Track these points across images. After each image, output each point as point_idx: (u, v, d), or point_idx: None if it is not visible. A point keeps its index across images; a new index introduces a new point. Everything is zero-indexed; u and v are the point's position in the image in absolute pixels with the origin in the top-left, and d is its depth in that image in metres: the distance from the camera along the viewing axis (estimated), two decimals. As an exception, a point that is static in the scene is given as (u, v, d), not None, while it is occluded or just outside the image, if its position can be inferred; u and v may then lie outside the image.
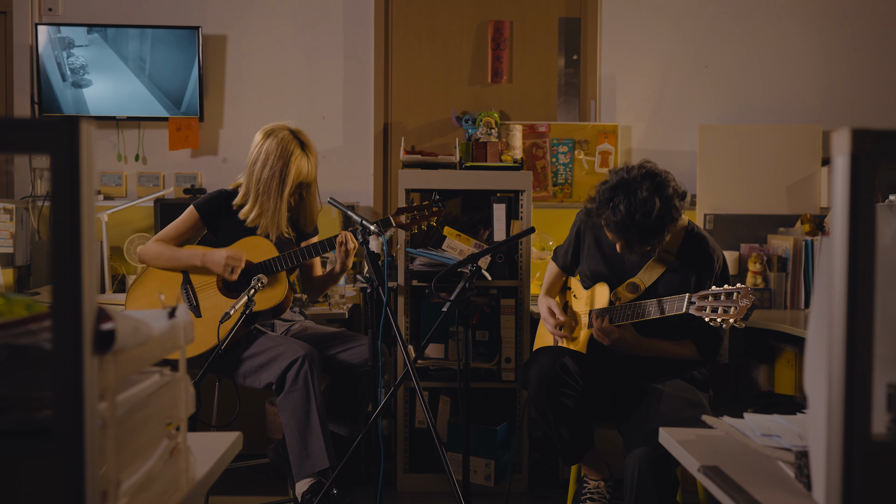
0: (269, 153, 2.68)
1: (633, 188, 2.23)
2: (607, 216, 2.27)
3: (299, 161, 2.69)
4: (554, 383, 2.33)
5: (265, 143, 2.69)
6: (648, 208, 2.20)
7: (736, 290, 2.20)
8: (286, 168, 2.67)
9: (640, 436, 2.19)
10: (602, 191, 2.30)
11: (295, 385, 2.49)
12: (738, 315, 2.18)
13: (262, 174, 2.68)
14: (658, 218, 2.21)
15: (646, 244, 2.27)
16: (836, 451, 0.87)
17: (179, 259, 2.70)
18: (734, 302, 2.19)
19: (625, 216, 2.21)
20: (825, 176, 3.59)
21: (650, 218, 2.20)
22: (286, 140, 2.69)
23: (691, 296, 2.27)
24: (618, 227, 2.24)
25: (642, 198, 2.20)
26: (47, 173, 3.79)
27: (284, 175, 2.67)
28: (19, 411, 0.83)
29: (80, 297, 0.77)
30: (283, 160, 2.66)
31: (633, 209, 2.20)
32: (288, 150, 2.68)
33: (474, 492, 3.06)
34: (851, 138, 0.84)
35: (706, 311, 2.23)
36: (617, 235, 2.29)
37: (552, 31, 3.89)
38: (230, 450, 1.29)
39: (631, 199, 2.21)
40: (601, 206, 2.30)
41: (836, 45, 3.81)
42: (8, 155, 3.72)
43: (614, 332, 2.38)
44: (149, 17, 3.79)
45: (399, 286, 3.16)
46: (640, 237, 2.24)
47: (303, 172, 2.71)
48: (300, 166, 2.70)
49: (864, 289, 0.84)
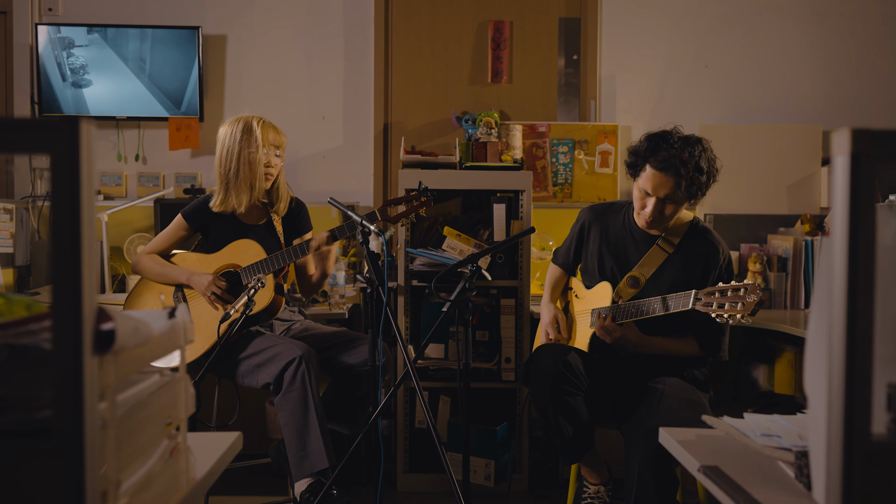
0: (226, 134, 2.74)
1: (685, 135, 2.37)
2: (660, 155, 2.33)
3: (262, 127, 2.73)
4: (556, 380, 2.33)
5: (221, 130, 2.76)
6: (700, 149, 2.34)
7: (743, 285, 2.20)
8: (247, 134, 2.70)
9: (641, 435, 2.19)
10: (649, 137, 2.40)
11: (293, 385, 2.49)
12: (746, 311, 2.17)
13: (222, 153, 2.73)
14: (708, 161, 2.34)
15: (693, 184, 2.32)
16: (836, 451, 0.87)
17: (167, 275, 2.76)
18: (741, 298, 2.19)
19: (680, 150, 2.31)
20: (825, 176, 3.59)
21: (703, 158, 2.33)
22: (241, 118, 2.75)
23: (697, 292, 2.27)
24: (674, 160, 2.30)
25: (695, 139, 2.36)
26: (47, 173, 3.79)
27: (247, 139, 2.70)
28: (19, 411, 0.83)
29: (80, 297, 0.77)
30: (242, 130, 2.71)
31: (688, 145, 2.33)
32: (245, 121, 2.73)
33: (474, 492, 3.06)
34: (851, 138, 0.84)
35: (713, 308, 2.22)
36: (669, 172, 2.32)
37: (552, 31, 3.89)
38: (230, 450, 1.29)
39: (687, 140, 2.35)
40: (649, 151, 2.36)
41: (836, 45, 3.81)
42: (8, 155, 3.72)
43: (616, 331, 2.38)
44: (149, 17, 3.79)
45: (399, 286, 3.16)
46: (695, 171, 2.31)
47: (270, 135, 2.74)
48: (265, 131, 2.73)
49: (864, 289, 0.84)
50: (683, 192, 2.32)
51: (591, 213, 2.62)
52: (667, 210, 2.38)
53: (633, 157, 2.42)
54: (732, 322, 2.22)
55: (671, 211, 2.38)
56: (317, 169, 3.82)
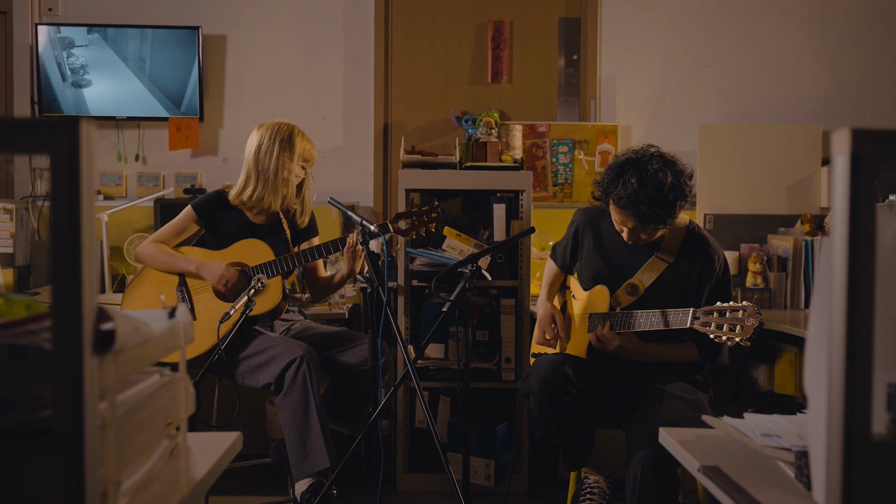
0: (267, 136, 2.72)
1: (644, 163, 2.23)
2: (618, 192, 2.24)
3: (300, 137, 2.75)
4: (556, 392, 2.32)
5: (261, 131, 2.75)
6: (660, 180, 2.20)
7: (742, 307, 2.17)
8: (288, 141, 2.72)
9: (642, 437, 2.19)
10: (611, 168, 2.30)
11: (293, 385, 2.49)
12: (744, 335, 2.14)
13: (260, 153, 2.72)
14: (670, 191, 2.21)
15: (658, 219, 2.24)
16: (836, 451, 0.87)
17: (174, 264, 2.71)
18: (740, 320, 2.15)
19: (637, 189, 2.19)
20: (825, 176, 3.59)
21: (662, 191, 2.20)
22: (282, 124, 2.76)
23: (696, 311, 2.25)
24: (630, 200, 2.21)
25: (654, 170, 2.21)
26: (47, 173, 3.79)
27: (286, 146, 2.71)
28: (19, 411, 0.83)
29: (80, 297, 0.77)
30: (282, 135, 2.72)
31: (645, 181, 2.20)
32: (287, 128, 2.75)
33: (474, 492, 3.06)
34: (851, 138, 0.84)
35: (711, 328, 2.20)
36: (627, 211, 2.25)
37: (552, 31, 3.89)
38: (230, 450, 1.29)
39: (642, 173, 2.21)
40: (610, 185, 2.28)
41: (836, 45, 3.81)
42: (8, 155, 3.72)
43: (615, 340, 2.36)
44: (149, 17, 3.79)
45: (399, 286, 3.16)
46: (652, 210, 2.21)
47: (306, 147, 2.77)
48: (304, 141, 2.76)
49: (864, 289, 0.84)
50: (648, 225, 2.27)
51: (585, 217, 2.58)
52: (642, 235, 2.35)
53: (598, 189, 2.37)
54: (731, 344, 2.20)
55: (647, 236, 2.35)
56: (317, 169, 3.80)
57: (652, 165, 2.22)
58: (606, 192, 2.31)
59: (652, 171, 2.21)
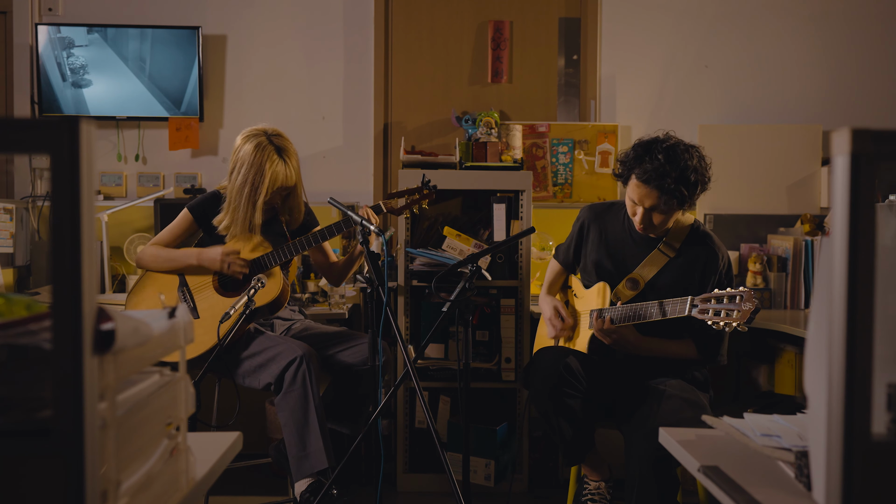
0: (244, 161, 2.64)
1: (671, 144, 2.33)
2: (644, 166, 2.31)
3: (275, 167, 2.62)
4: (557, 384, 2.32)
5: (242, 149, 2.66)
6: (687, 159, 2.30)
7: (739, 293, 2.19)
8: (259, 175, 2.62)
9: (642, 436, 2.19)
10: (638, 145, 2.38)
11: (293, 385, 2.49)
12: (741, 319, 2.16)
13: (236, 181, 2.66)
14: (694, 171, 2.30)
15: (680, 196, 2.30)
16: (836, 451, 0.87)
17: (176, 259, 2.70)
18: (737, 305, 2.17)
19: (664, 163, 2.28)
20: (825, 176, 3.59)
21: (687, 170, 2.29)
22: (261, 146, 2.63)
23: (693, 298, 2.27)
24: (656, 173, 2.28)
25: (681, 149, 2.31)
26: (47, 173, 3.79)
27: (257, 183, 2.62)
28: (19, 411, 0.83)
29: (80, 297, 0.77)
30: (256, 167, 2.62)
31: (672, 158, 2.29)
32: (263, 156, 2.62)
33: (474, 492, 3.06)
34: (851, 138, 0.84)
35: (708, 315, 2.21)
36: (652, 185, 2.30)
37: (552, 31, 3.89)
38: (230, 450, 1.29)
39: (670, 151, 2.31)
40: (635, 161, 2.35)
41: (836, 45, 3.81)
42: (8, 155, 3.72)
43: (615, 333, 2.39)
44: (149, 17, 3.79)
45: (399, 286, 3.16)
46: (676, 185, 2.28)
47: (279, 178, 2.64)
48: (276, 172, 2.62)
49: (864, 289, 0.84)
50: (668, 203, 2.32)
51: (591, 213, 2.62)
52: (655, 219, 2.38)
53: (620, 167, 2.42)
54: (728, 330, 2.21)
55: (660, 220, 2.38)
56: (317, 169, 3.82)
57: (679, 146, 2.32)
58: (630, 168, 2.37)
59: (680, 150, 2.31)
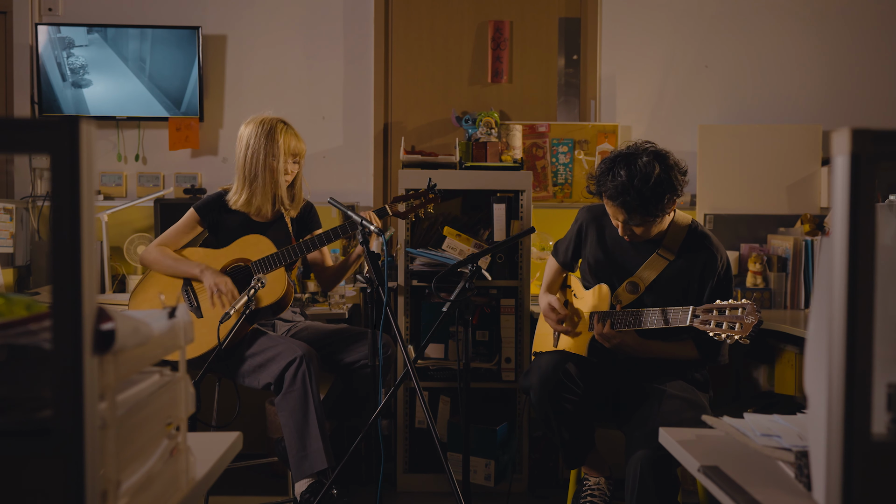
0: (251, 135, 2.72)
1: (634, 157, 2.29)
2: (607, 185, 2.29)
3: (286, 135, 2.72)
4: (556, 389, 2.32)
5: (246, 130, 2.75)
6: (648, 172, 2.24)
7: (742, 304, 2.18)
8: (272, 143, 2.70)
9: (642, 437, 2.19)
10: (604, 161, 2.36)
11: (293, 385, 2.49)
12: (743, 332, 2.15)
13: (246, 155, 2.72)
14: (657, 184, 2.24)
15: (645, 211, 2.27)
16: (836, 451, 0.87)
17: (178, 268, 2.73)
18: (740, 318, 2.17)
19: (624, 181, 2.24)
20: (825, 176, 3.59)
21: (649, 182, 2.24)
22: (266, 120, 2.74)
23: (695, 309, 2.26)
24: (617, 191, 2.26)
25: (642, 163, 2.26)
26: (47, 173, 3.79)
27: (270, 147, 2.70)
28: (20, 411, 0.83)
29: (80, 297, 0.77)
30: (266, 136, 2.70)
31: (632, 173, 2.25)
32: (270, 125, 2.72)
33: (474, 492, 3.06)
34: (851, 138, 0.84)
35: (710, 326, 2.21)
36: (616, 202, 2.29)
37: (552, 31, 3.89)
38: (230, 450, 1.29)
39: (631, 166, 2.26)
40: (602, 177, 2.33)
41: (836, 45, 3.81)
42: (8, 155, 3.72)
43: (616, 337, 2.38)
44: (149, 17, 3.79)
45: (399, 286, 3.16)
46: (640, 201, 2.24)
47: (291, 145, 2.73)
48: (287, 138, 2.72)
49: (864, 289, 0.84)
50: (641, 217, 2.30)
51: (589, 215, 2.60)
52: (637, 230, 2.36)
53: (593, 184, 2.41)
54: (729, 342, 2.21)
55: (642, 230, 2.36)
56: (317, 169, 3.82)
57: (641, 159, 2.27)
58: (599, 184, 2.36)
59: (641, 164, 2.26)
